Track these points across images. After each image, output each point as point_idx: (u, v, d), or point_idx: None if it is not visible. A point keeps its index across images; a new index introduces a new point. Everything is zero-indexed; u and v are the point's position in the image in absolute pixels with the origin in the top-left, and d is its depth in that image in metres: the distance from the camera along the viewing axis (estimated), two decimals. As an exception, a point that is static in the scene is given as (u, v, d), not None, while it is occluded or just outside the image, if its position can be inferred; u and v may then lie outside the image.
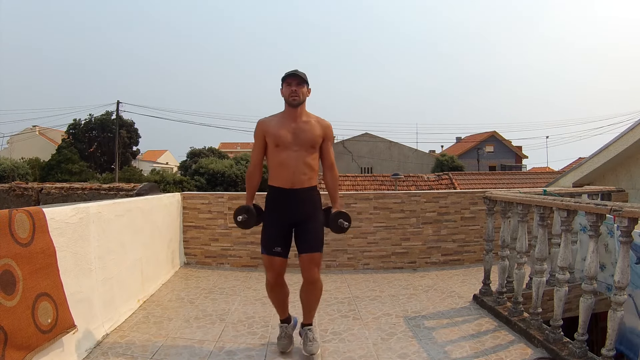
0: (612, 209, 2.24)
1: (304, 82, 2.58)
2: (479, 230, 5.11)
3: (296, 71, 2.58)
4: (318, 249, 2.59)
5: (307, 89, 2.61)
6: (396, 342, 2.88)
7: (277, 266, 2.57)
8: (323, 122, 2.68)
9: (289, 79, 2.57)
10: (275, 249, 2.55)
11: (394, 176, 17.26)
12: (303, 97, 2.58)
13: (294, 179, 2.56)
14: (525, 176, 22.97)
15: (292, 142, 2.55)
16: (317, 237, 2.61)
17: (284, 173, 2.57)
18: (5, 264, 1.98)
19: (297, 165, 2.55)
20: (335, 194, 2.78)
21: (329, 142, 2.70)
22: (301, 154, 2.56)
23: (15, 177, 20.98)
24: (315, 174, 2.67)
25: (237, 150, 44.08)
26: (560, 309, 2.70)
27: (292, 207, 2.58)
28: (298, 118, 2.59)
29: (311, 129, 2.60)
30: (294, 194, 2.57)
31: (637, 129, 5.66)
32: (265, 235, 2.62)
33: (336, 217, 2.70)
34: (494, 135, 36.77)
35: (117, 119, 28.43)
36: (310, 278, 2.58)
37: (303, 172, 2.57)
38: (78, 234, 2.66)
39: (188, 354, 2.67)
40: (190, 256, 5.11)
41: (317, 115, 2.70)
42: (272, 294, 2.72)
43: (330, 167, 2.76)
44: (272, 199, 2.65)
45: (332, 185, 2.78)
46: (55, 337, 2.25)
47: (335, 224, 2.69)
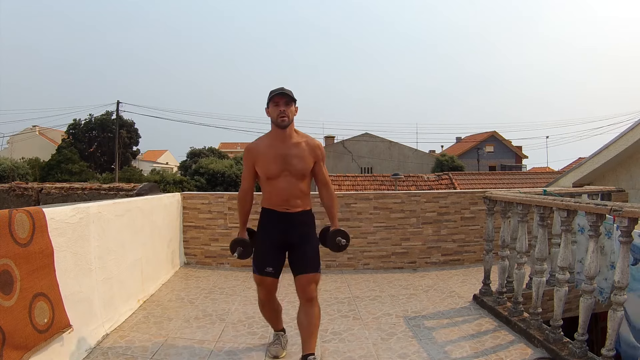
0: (612, 209, 2.24)
1: (292, 100, 2.47)
2: (479, 230, 5.11)
3: (283, 89, 2.46)
4: (316, 270, 2.53)
5: (294, 107, 2.50)
6: (396, 342, 2.88)
7: (268, 286, 2.53)
8: (313, 142, 2.58)
9: (277, 97, 2.44)
10: (267, 269, 2.49)
11: (394, 176, 17.26)
12: (291, 117, 2.47)
13: (287, 204, 2.51)
14: (525, 176, 22.97)
15: (282, 170, 2.48)
16: (314, 258, 2.54)
17: (277, 199, 2.52)
18: (4, 264, 1.98)
19: (289, 191, 2.49)
20: (333, 211, 2.69)
21: (320, 162, 2.60)
22: (292, 181, 2.50)
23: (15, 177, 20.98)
24: (309, 196, 2.61)
25: (237, 150, 44.07)
26: (560, 309, 2.70)
27: (286, 230, 2.53)
28: (287, 140, 2.49)
29: (301, 155, 2.50)
30: (287, 217, 2.52)
31: (637, 129, 5.66)
32: (257, 256, 2.56)
33: (334, 235, 2.62)
34: (494, 135, 36.77)
35: (117, 119, 28.43)
36: (309, 296, 2.48)
37: (296, 197, 2.51)
38: (78, 234, 2.66)
39: (188, 354, 2.67)
40: (190, 256, 5.10)
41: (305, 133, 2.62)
42: (264, 311, 2.71)
43: (325, 185, 2.66)
44: (265, 220, 2.59)
45: (329, 203, 2.68)
46: (52, 336, 2.25)
47: (333, 241, 2.61)
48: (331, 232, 2.64)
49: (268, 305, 2.65)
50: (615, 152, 5.99)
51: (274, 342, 2.72)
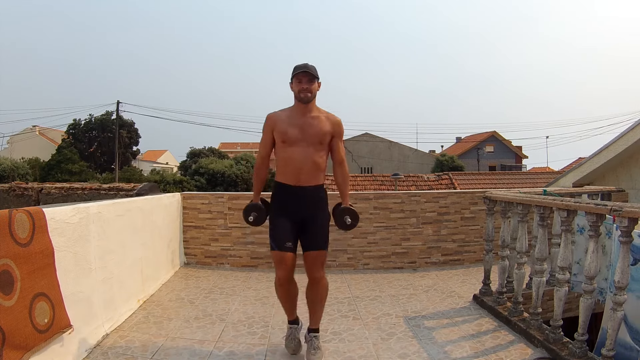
0: (612, 209, 2.24)
1: (315, 77, 2.53)
2: (479, 230, 5.11)
3: (307, 66, 2.51)
4: (323, 247, 2.57)
5: (317, 83, 2.56)
6: (396, 342, 2.88)
7: (289, 261, 2.50)
8: (333, 118, 2.63)
9: (300, 75, 2.51)
10: (287, 244, 2.49)
11: (394, 176, 17.27)
12: (314, 92, 2.54)
13: (300, 176, 2.53)
14: (525, 176, 22.99)
15: (299, 138, 2.51)
16: (323, 235, 2.59)
17: (291, 169, 2.54)
18: (4, 264, 1.98)
19: (304, 161, 2.52)
20: (344, 189, 2.74)
21: (338, 138, 2.65)
22: (308, 151, 2.52)
23: (15, 177, 20.98)
24: (323, 172, 2.64)
25: (237, 150, 44.08)
26: (560, 309, 2.70)
27: (299, 204, 2.56)
28: (307, 113, 2.55)
29: (320, 124, 2.55)
30: (300, 191, 2.54)
31: (637, 129, 5.66)
32: (274, 231, 2.55)
33: (342, 212, 2.67)
34: (494, 135, 36.78)
35: (117, 119, 28.44)
36: (315, 275, 2.55)
37: (309, 169, 2.53)
38: (78, 234, 2.66)
39: (188, 354, 2.67)
40: (190, 256, 5.10)
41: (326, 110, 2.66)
42: (282, 291, 2.61)
43: (340, 163, 2.71)
44: (278, 195, 2.62)
45: (342, 181, 2.74)
46: (52, 337, 2.25)
47: (341, 219, 2.66)
48: (340, 209, 2.69)
49: (287, 285, 2.56)
50: (615, 152, 5.99)
51: (289, 337, 2.69)
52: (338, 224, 2.70)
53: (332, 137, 2.61)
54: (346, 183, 2.75)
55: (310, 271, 2.56)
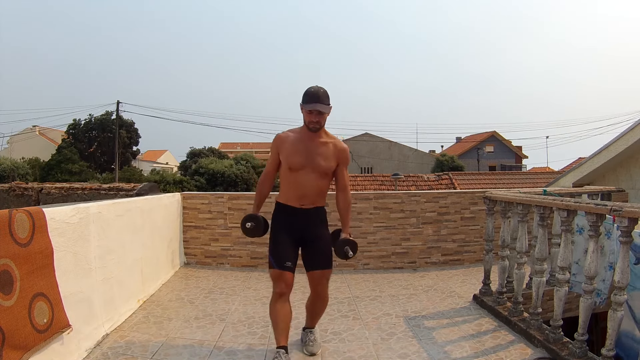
0: (612, 209, 2.24)
1: (326, 110, 2.52)
2: (479, 230, 5.10)
3: (318, 98, 2.47)
4: (329, 266, 2.63)
5: (328, 112, 2.56)
6: (396, 342, 2.88)
7: (288, 280, 2.52)
8: (340, 145, 2.65)
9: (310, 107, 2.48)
10: (287, 264, 2.52)
11: (394, 176, 17.27)
12: (323, 123, 2.55)
13: (303, 200, 2.59)
14: (525, 176, 22.98)
15: (304, 165, 2.55)
16: (327, 254, 2.63)
17: (294, 193, 2.59)
18: (4, 264, 1.98)
19: (308, 187, 2.57)
20: (346, 217, 2.74)
21: (343, 166, 2.69)
22: (312, 177, 2.56)
23: (15, 177, 20.98)
24: (325, 195, 2.69)
25: (237, 150, 44.11)
26: (560, 309, 2.70)
27: (300, 225, 2.60)
28: (316, 139, 2.58)
29: (326, 154, 2.58)
30: (301, 213, 2.60)
31: (637, 129, 5.66)
32: (275, 251, 2.58)
33: (343, 244, 2.64)
34: (494, 135, 36.77)
35: (117, 119, 28.43)
36: (321, 293, 2.65)
37: (313, 194, 2.59)
38: (78, 234, 2.66)
39: (188, 354, 2.67)
40: (190, 256, 5.10)
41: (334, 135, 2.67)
42: (276, 309, 2.50)
43: (343, 189, 2.72)
44: (279, 215, 2.66)
45: (344, 208, 2.73)
46: (51, 336, 2.24)
47: (341, 250, 2.64)
48: (341, 240, 2.67)
49: (282, 303, 2.50)
50: (615, 152, 5.99)
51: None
52: (338, 254, 2.68)
53: (337, 165, 2.65)
54: (348, 210, 2.75)
55: (317, 288, 2.64)
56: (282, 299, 2.51)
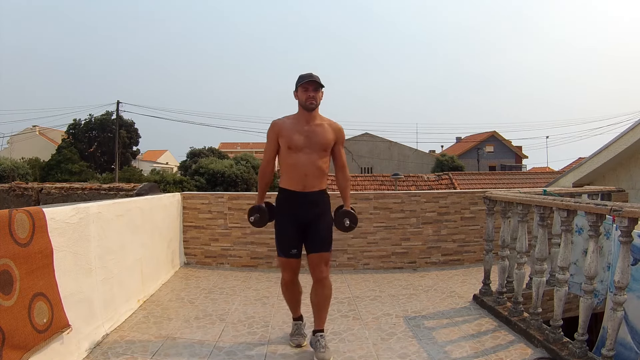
0: (612, 209, 2.24)
1: (320, 86, 2.64)
2: (479, 230, 5.10)
3: (312, 75, 2.62)
4: (326, 249, 2.69)
5: (321, 92, 2.67)
6: (396, 342, 2.88)
7: (294, 266, 2.68)
8: (335, 125, 2.75)
9: (306, 83, 2.60)
10: (292, 251, 2.64)
11: (394, 176, 17.26)
12: (319, 101, 2.65)
13: (305, 182, 2.63)
14: (525, 176, 22.98)
15: (304, 145, 2.62)
16: (326, 237, 2.70)
17: (295, 175, 2.64)
18: (4, 264, 1.98)
19: (308, 167, 2.63)
20: (346, 193, 2.85)
21: (340, 144, 2.77)
22: (312, 157, 2.63)
23: (15, 177, 20.96)
24: (325, 177, 2.74)
25: (237, 150, 44.09)
26: (560, 309, 2.70)
27: (303, 209, 2.67)
28: (312, 121, 2.66)
29: (323, 132, 2.67)
30: (304, 196, 2.65)
31: (637, 129, 5.66)
32: (280, 239, 2.70)
33: (342, 215, 2.78)
34: (494, 135, 36.77)
35: (117, 119, 28.42)
36: (319, 276, 2.68)
37: (314, 175, 2.64)
38: (78, 234, 2.66)
39: (188, 354, 2.67)
40: (190, 256, 5.10)
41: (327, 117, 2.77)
42: (287, 292, 2.82)
43: (341, 168, 2.82)
44: (283, 201, 2.72)
45: (343, 185, 2.84)
46: (51, 337, 2.24)
47: (341, 221, 2.76)
48: (341, 212, 2.80)
49: (292, 286, 2.77)
50: (615, 152, 5.99)
51: (294, 333, 2.85)
52: (337, 225, 2.79)
53: (335, 143, 2.73)
54: (347, 186, 2.86)
55: (315, 272, 2.69)
56: (291, 284, 2.75)
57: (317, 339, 2.68)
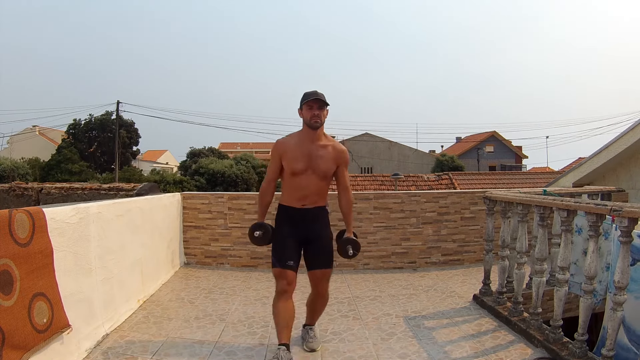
0: (612, 209, 2.24)
1: (325, 105, 2.61)
2: (479, 230, 5.10)
3: (317, 93, 2.60)
4: (329, 266, 2.70)
5: (326, 111, 2.65)
6: (396, 342, 2.88)
7: (290, 278, 2.58)
8: (338, 147, 2.73)
9: (311, 102, 2.58)
10: (289, 263, 2.58)
11: (394, 176, 17.26)
12: (323, 119, 2.62)
13: (304, 201, 2.65)
14: (525, 176, 22.98)
15: (306, 168, 2.62)
16: (328, 254, 2.71)
17: (295, 195, 2.66)
18: (4, 264, 1.98)
19: (308, 189, 2.64)
20: (349, 217, 2.82)
21: (343, 167, 2.75)
22: (314, 179, 2.64)
23: (15, 177, 20.96)
24: (326, 195, 2.76)
25: (237, 150, 44.08)
26: (560, 309, 2.70)
27: (302, 224, 2.67)
28: (316, 141, 2.64)
29: (326, 157, 2.65)
30: (304, 212, 2.66)
31: (637, 129, 5.66)
32: (277, 250, 2.65)
33: (345, 243, 2.74)
34: (494, 135, 36.77)
35: (117, 119, 28.42)
36: (321, 291, 2.72)
37: (314, 194, 2.66)
38: (78, 234, 2.66)
39: (188, 354, 2.67)
40: (190, 256, 5.10)
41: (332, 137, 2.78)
42: (280, 306, 2.53)
43: (344, 190, 2.79)
44: (282, 216, 2.71)
45: (347, 209, 2.81)
46: (51, 336, 2.25)
47: (344, 249, 2.72)
48: (344, 239, 2.77)
49: (284, 301, 2.54)
50: (615, 152, 5.99)
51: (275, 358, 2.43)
52: (340, 252, 2.77)
53: (338, 166, 2.72)
54: (350, 210, 2.82)
55: (318, 287, 2.72)
56: (285, 296, 2.55)
57: (306, 331, 2.82)
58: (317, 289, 2.71)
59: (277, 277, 2.61)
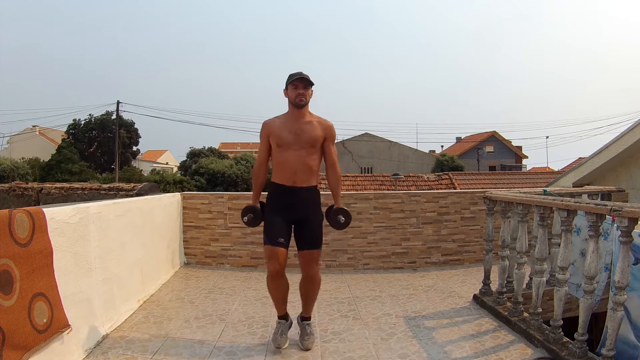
0: (612, 209, 2.24)
1: (310, 84, 2.68)
2: (479, 230, 5.10)
3: (302, 73, 2.66)
4: (317, 246, 2.74)
5: (311, 91, 2.71)
6: (396, 342, 2.88)
7: (280, 256, 2.63)
8: (325, 122, 2.77)
9: (296, 81, 2.65)
10: (279, 240, 2.63)
11: (394, 176, 17.26)
12: (308, 99, 2.69)
13: (295, 178, 2.67)
14: (525, 176, 22.99)
15: (293, 142, 2.66)
16: (317, 234, 2.74)
17: (286, 171, 2.68)
18: (4, 264, 1.98)
19: (297, 164, 2.66)
20: (337, 191, 2.87)
21: (330, 141, 2.79)
22: (301, 154, 2.67)
23: (15, 177, 20.97)
24: (316, 174, 2.77)
25: (237, 150, 44.07)
26: (560, 309, 2.70)
27: (293, 205, 2.70)
28: (301, 119, 2.70)
29: (312, 129, 2.70)
30: (294, 191, 2.68)
31: (637, 129, 5.66)
32: (268, 227, 2.70)
33: (336, 213, 2.81)
34: (494, 135, 36.76)
35: (117, 119, 28.42)
36: (310, 273, 2.73)
37: (303, 171, 2.68)
38: (78, 234, 2.66)
39: (188, 354, 2.67)
40: (190, 256, 5.11)
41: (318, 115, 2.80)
42: (273, 285, 2.73)
43: (332, 166, 2.83)
44: (274, 194, 2.75)
45: (334, 183, 2.86)
46: (51, 337, 2.25)
47: (335, 218, 2.80)
48: (333, 210, 2.84)
49: (277, 279, 2.68)
50: (615, 152, 5.99)
51: (277, 332, 2.77)
52: (332, 223, 2.84)
53: (324, 140, 2.75)
54: (338, 184, 2.87)
55: (306, 269, 2.74)
56: (277, 276, 2.66)
57: (303, 327, 2.81)
58: (307, 270, 2.73)
59: (268, 256, 2.67)
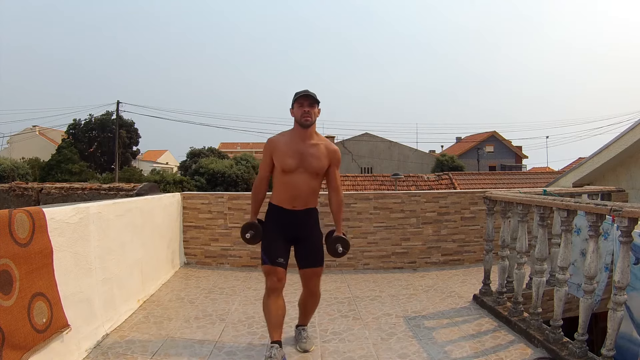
0: (612, 209, 2.24)
1: (316, 102, 2.60)
2: (479, 230, 5.10)
3: (307, 92, 2.59)
4: (320, 264, 2.71)
5: (317, 109, 2.63)
6: (396, 342, 2.88)
7: (280, 275, 2.57)
8: (330, 146, 2.70)
9: (301, 99, 2.57)
10: (279, 260, 2.57)
11: (394, 176, 17.25)
12: (314, 118, 2.59)
13: (295, 202, 2.62)
14: (525, 176, 22.97)
15: (297, 166, 2.59)
16: (319, 252, 2.71)
17: (287, 194, 2.63)
18: (4, 264, 1.98)
19: (300, 188, 2.61)
20: (338, 217, 2.79)
21: (335, 166, 2.73)
22: (305, 178, 2.61)
23: (15, 177, 20.96)
24: (317, 195, 2.73)
25: (237, 150, 44.08)
26: (560, 309, 2.70)
27: (292, 225, 2.66)
28: (307, 139, 2.61)
29: (318, 155, 2.62)
30: (294, 214, 2.64)
31: (637, 129, 5.65)
32: (267, 247, 2.64)
33: (335, 241, 2.74)
34: (494, 135, 36.75)
35: (117, 119, 28.41)
36: (313, 290, 2.73)
37: (305, 194, 2.63)
38: (78, 234, 2.66)
39: (188, 354, 2.67)
40: (190, 256, 5.10)
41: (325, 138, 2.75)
42: (269, 304, 2.54)
43: (335, 190, 2.76)
44: (272, 215, 2.70)
45: (336, 209, 2.78)
46: (50, 336, 2.25)
47: (333, 247, 2.73)
48: (333, 237, 2.77)
49: (274, 298, 2.54)
50: (615, 152, 5.98)
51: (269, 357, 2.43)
52: (329, 251, 2.76)
53: (329, 165, 2.70)
54: (340, 210, 2.80)
55: (309, 285, 2.73)
56: (275, 294, 2.55)
57: (299, 332, 2.82)
58: (309, 287, 2.71)
59: (267, 274, 2.60)
